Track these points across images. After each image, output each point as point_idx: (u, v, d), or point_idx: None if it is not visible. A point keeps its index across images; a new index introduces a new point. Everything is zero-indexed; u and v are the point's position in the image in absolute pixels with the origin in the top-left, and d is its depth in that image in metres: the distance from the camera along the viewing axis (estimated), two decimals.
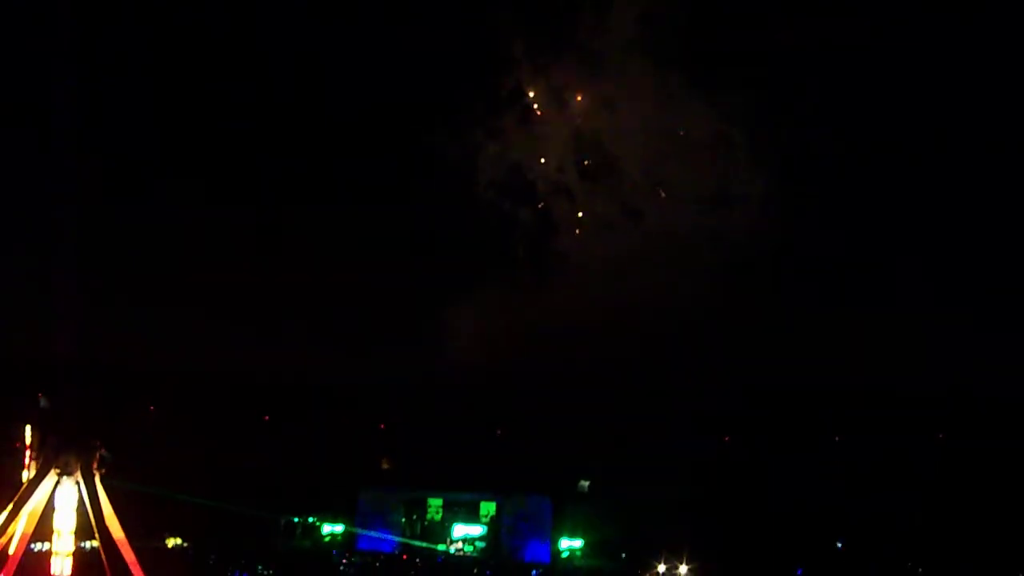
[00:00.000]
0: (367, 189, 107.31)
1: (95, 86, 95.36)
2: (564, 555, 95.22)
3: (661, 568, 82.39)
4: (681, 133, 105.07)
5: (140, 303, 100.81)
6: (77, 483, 47.58)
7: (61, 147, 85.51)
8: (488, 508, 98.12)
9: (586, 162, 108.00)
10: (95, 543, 48.92)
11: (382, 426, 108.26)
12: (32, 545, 48.45)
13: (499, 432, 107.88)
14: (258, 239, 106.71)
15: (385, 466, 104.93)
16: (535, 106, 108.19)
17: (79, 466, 47.67)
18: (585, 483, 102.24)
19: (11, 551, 46.57)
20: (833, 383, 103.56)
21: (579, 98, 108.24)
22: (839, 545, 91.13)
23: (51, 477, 47.07)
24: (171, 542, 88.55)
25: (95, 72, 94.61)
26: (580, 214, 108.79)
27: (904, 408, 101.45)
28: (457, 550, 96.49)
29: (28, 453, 47.42)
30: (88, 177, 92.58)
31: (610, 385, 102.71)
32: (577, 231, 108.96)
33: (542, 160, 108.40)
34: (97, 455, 48.57)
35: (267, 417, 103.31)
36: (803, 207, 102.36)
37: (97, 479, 48.18)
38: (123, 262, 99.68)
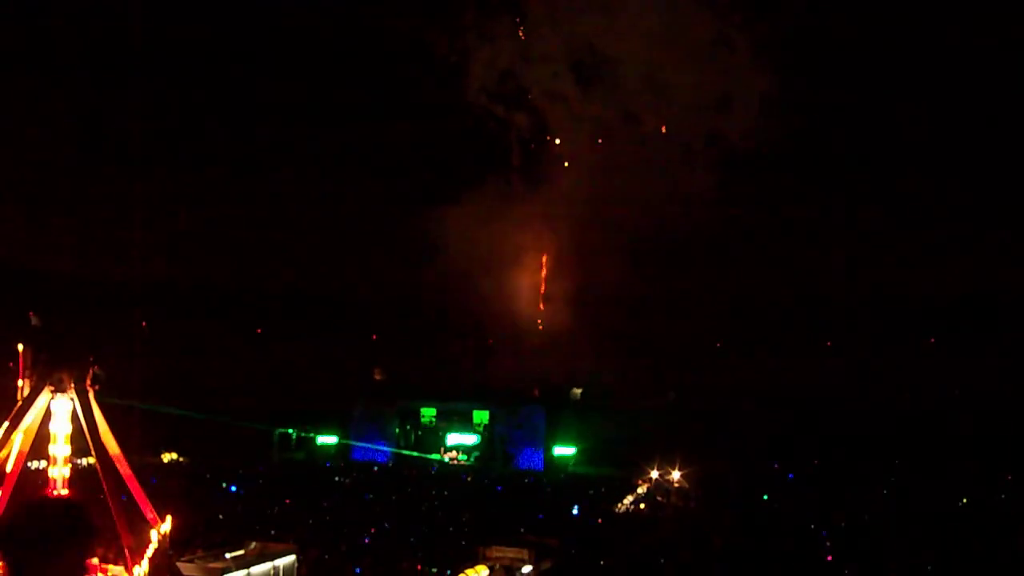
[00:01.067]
0: (353, 101, 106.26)
1: None
2: (558, 462, 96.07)
3: (654, 474, 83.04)
4: (679, 34, 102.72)
5: (130, 219, 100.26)
6: (71, 399, 47.50)
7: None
8: (481, 417, 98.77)
9: (581, 66, 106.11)
10: (91, 460, 48.97)
11: (374, 337, 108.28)
12: (29, 463, 48.49)
13: (491, 341, 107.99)
14: (246, 153, 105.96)
15: (378, 377, 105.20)
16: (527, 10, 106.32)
17: (72, 383, 47.55)
18: (577, 391, 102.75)
19: (8, 468, 46.59)
20: (829, 293, 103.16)
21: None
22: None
23: (45, 394, 46.96)
24: (167, 457, 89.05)
25: None
26: (576, 119, 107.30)
27: (902, 317, 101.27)
28: (451, 459, 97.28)
29: (21, 371, 47.24)
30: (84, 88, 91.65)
31: (602, 294, 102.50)
32: (573, 135, 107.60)
33: (536, 64, 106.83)
34: (90, 371, 48.45)
35: (259, 330, 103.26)
36: (804, 106, 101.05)
37: (91, 395, 48.11)
38: (112, 179, 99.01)
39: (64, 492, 46.73)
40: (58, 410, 47.76)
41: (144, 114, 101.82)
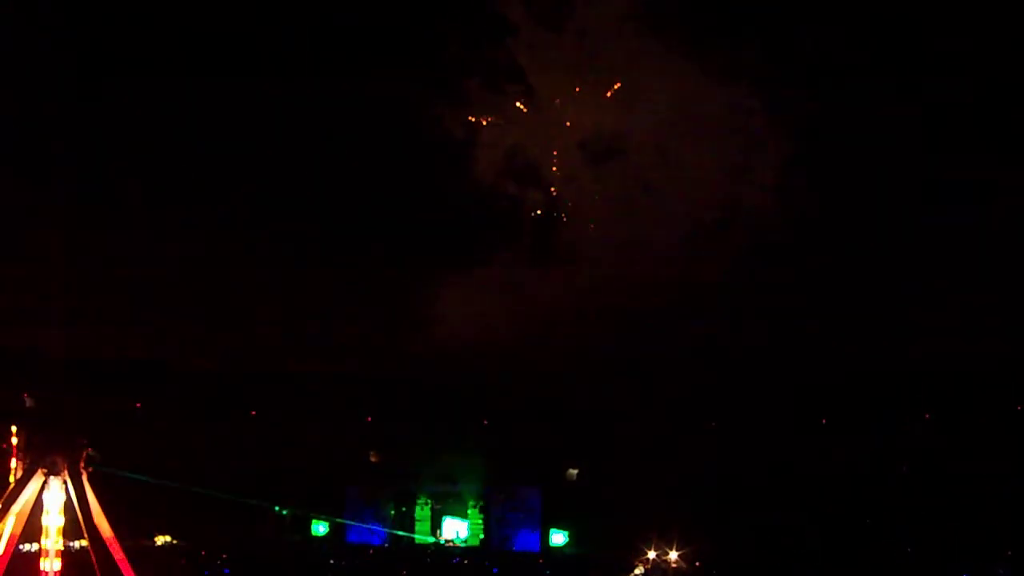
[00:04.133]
0: (349, 171, 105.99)
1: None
2: (555, 544, 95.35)
3: (651, 554, 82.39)
4: (691, 106, 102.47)
5: (124, 300, 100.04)
6: (64, 482, 47.24)
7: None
8: (477, 498, 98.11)
9: (592, 141, 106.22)
10: (84, 542, 48.58)
11: (369, 419, 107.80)
12: (21, 546, 48.08)
13: (486, 422, 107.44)
14: (240, 231, 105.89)
15: (373, 459, 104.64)
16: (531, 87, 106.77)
17: (66, 465, 47.35)
18: (574, 472, 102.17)
19: (0, 552, 46.21)
20: (840, 369, 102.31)
21: (579, 78, 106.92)
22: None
23: (38, 477, 46.75)
24: (160, 540, 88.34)
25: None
26: (586, 195, 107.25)
27: (907, 392, 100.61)
28: (447, 541, 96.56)
29: (14, 453, 47.02)
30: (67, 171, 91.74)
31: (598, 373, 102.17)
32: (583, 210, 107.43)
33: (544, 140, 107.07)
34: (84, 454, 48.25)
35: (253, 412, 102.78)
36: (826, 175, 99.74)
37: (84, 478, 47.86)
38: (106, 260, 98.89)
39: None
40: (51, 502, 47.56)
41: (138, 188, 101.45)
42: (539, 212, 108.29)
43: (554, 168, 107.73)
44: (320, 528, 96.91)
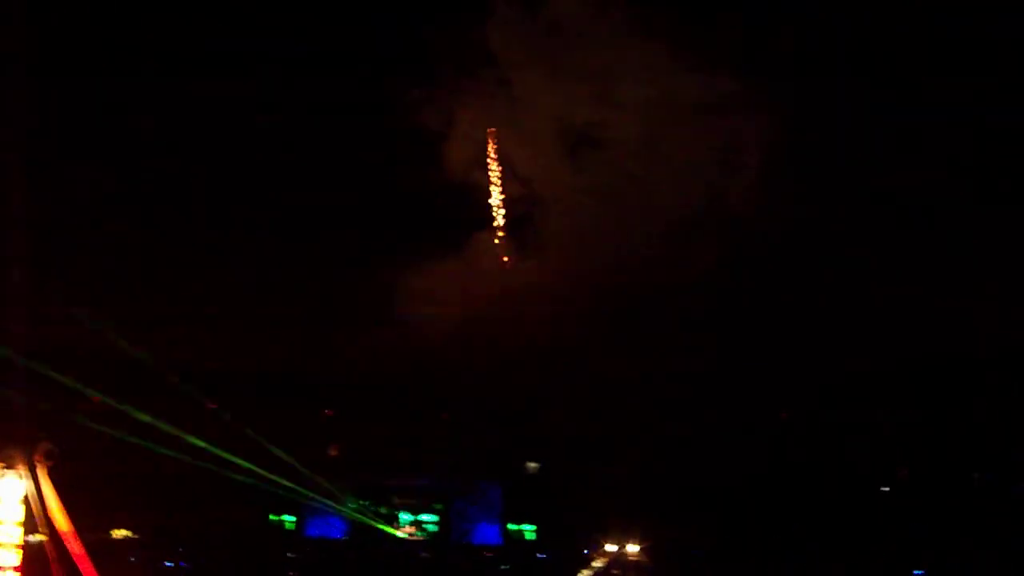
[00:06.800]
0: (311, 160, 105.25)
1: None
2: (515, 537, 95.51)
3: (611, 548, 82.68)
4: (674, 92, 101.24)
5: (83, 292, 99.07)
6: (21, 477, 46.86)
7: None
8: (438, 492, 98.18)
9: (570, 131, 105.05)
10: (42, 536, 48.24)
11: (328, 412, 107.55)
12: None
13: (445, 416, 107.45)
14: (199, 222, 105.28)
15: (332, 453, 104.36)
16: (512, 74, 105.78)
17: (23, 459, 46.98)
18: (534, 465, 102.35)
19: None
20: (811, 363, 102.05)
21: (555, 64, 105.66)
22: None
23: None
24: (118, 533, 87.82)
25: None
26: (563, 186, 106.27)
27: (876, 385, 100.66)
28: (408, 534, 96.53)
29: None
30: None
31: (561, 367, 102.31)
32: (559, 202, 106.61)
33: (522, 129, 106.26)
34: (41, 447, 47.89)
35: (213, 406, 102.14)
36: (814, 167, 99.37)
37: (42, 472, 47.50)
38: (66, 249, 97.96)
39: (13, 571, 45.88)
40: (7, 494, 47.02)
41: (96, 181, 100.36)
42: (501, 203, 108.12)
43: (529, 158, 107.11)
44: (284, 519, 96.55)
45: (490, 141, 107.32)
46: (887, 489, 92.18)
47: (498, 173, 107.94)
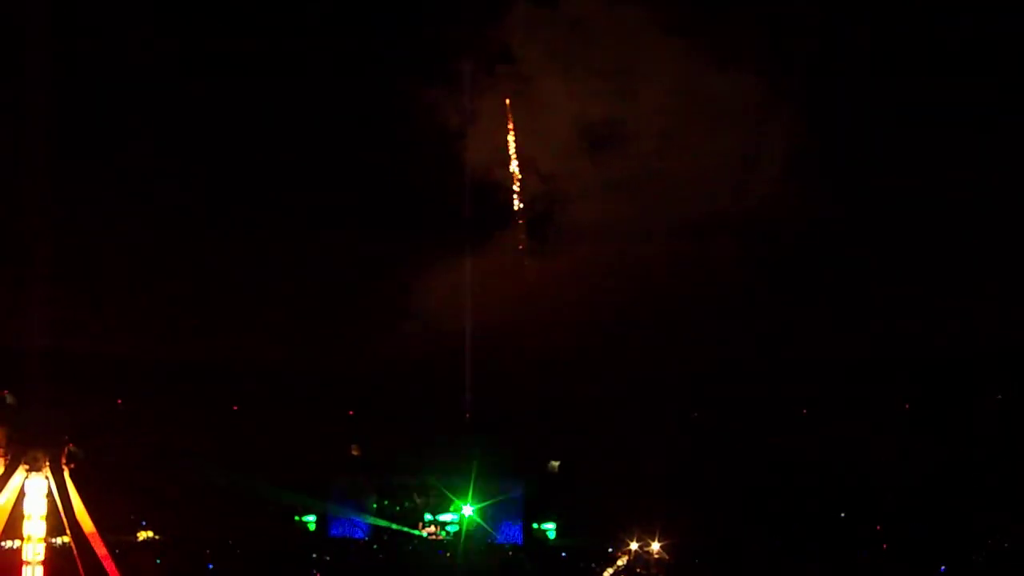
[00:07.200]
0: (334, 159, 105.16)
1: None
2: (537, 535, 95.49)
3: (633, 545, 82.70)
4: (696, 96, 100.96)
5: (105, 294, 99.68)
6: (46, 479, 47.28)
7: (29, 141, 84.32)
8: (461, 491, 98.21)
9: (591, 128, 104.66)
10: (66, 539, 48.64)
11: (351, 412, 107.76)
12: (3, 543, 48.09)
13: (468, 415, 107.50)
14: (224, 224, 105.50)
15: (355, 453, 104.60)
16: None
17: (47, 461, 47.39)
18: (555, 463, 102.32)
19: None
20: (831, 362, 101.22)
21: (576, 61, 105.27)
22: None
23: (20, 473, 46.78)
24: (142, 535, 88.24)
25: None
26: (585, 183, 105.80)
27: (898, 385, 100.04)
28: (431, 534, 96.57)
29: None
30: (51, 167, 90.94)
31: (582, 364, 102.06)
32: (581, 200, 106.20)
33: (543, 126, 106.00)
34: (66, 450, 48.30)
35: (235, 407, 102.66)
36: (832, 165, 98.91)
37: (66, 474, 47.90)
38: (89, 255, 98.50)
39: (39, 572, 46.30)
40: (33, 489, 47.49)
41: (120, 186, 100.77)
42: (525, 201, 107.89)
43: (549, 155, 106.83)
44: (307, 520, 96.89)
45: (511, 139, 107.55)
46: (905, 489, 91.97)
47: (519, 171, 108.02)
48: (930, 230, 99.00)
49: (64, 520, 47.95)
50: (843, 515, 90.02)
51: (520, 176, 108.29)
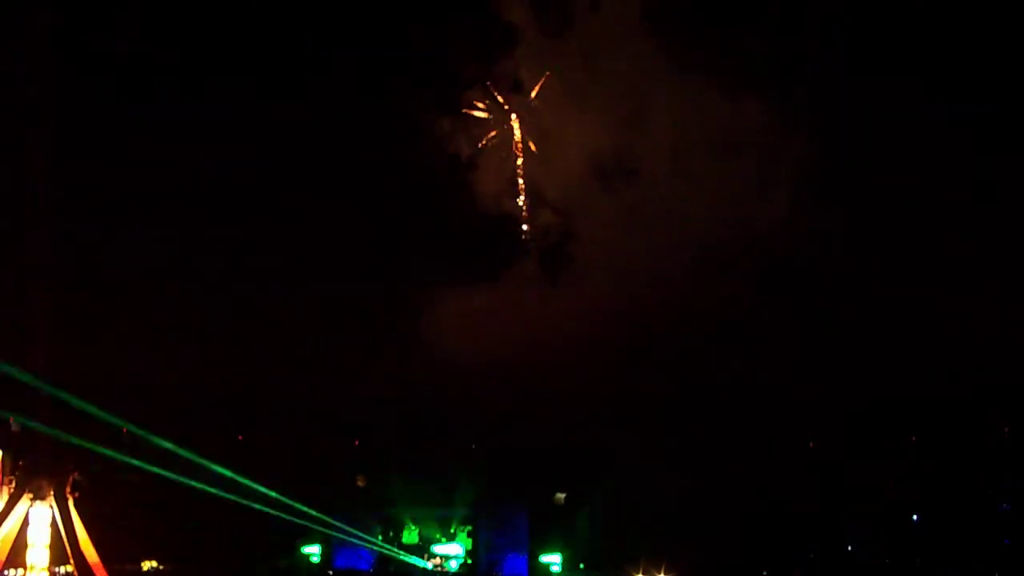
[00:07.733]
0: (345, 189, 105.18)
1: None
2: (542, 568, 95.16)
3: None
4: (706, 127, 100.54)
5: (111, 325, 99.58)
6: (51, 507, 47.17)
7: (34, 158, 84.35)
8: (465, 522, 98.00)
9: (602, 160, 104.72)
10: (70, 568, 48.47)
11: (356, 443, 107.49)
12: (6, 571, 47.92)
13: (474, 446, 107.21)
14: (235, 253, 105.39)
15: (361, 483, 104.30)
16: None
17: (52, 490, 47.30)
18: (561, 496, 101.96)
19: None
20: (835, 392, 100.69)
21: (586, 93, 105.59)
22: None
23: (24, 501, 46.67)
24: (146, 565, 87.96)
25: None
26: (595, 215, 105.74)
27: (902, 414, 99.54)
28: (435, 565, 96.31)
29: (0, 477, 46.87)
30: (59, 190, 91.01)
31: (587, 396, 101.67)
32: (591, 232, 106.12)
33: (553, 158, 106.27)
34: (70, 478, 48.22)
35: (240, 437, 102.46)
36: (843, 191, 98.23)
37: (71, 503, 47.80)
38: (95, 282, 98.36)
39: None
40: (37, 517, 47.43)
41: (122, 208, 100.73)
42: (536, 232, 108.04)
43: (560, 186, 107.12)
44: (312, 550, 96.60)
45: (520, 171, 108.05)
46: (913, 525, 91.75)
47: (529, 203, 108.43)
48: (945, 255, 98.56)
49: (68, 549, 47.77)
50: (850, 549, 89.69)
51: (530, 207, 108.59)
